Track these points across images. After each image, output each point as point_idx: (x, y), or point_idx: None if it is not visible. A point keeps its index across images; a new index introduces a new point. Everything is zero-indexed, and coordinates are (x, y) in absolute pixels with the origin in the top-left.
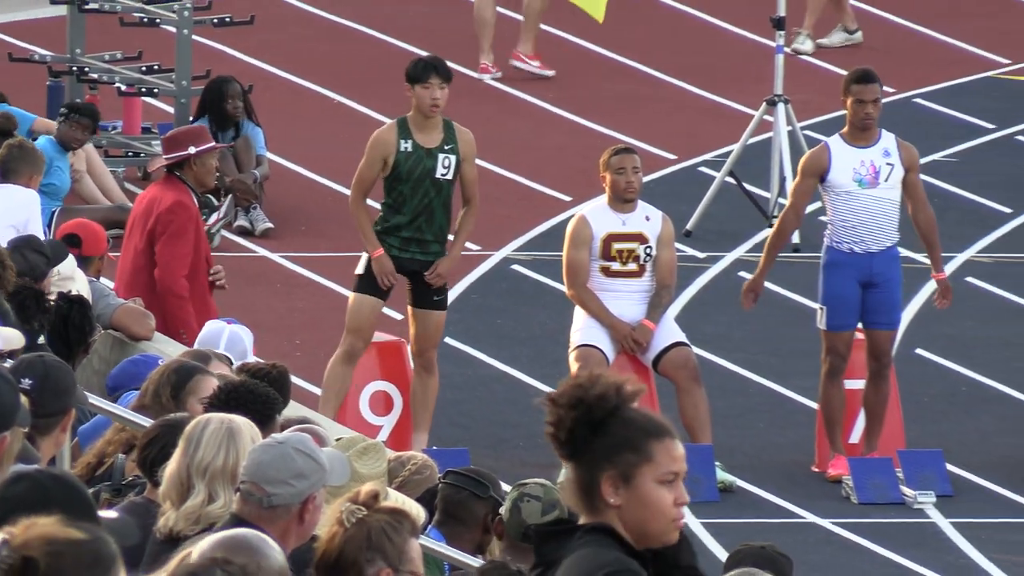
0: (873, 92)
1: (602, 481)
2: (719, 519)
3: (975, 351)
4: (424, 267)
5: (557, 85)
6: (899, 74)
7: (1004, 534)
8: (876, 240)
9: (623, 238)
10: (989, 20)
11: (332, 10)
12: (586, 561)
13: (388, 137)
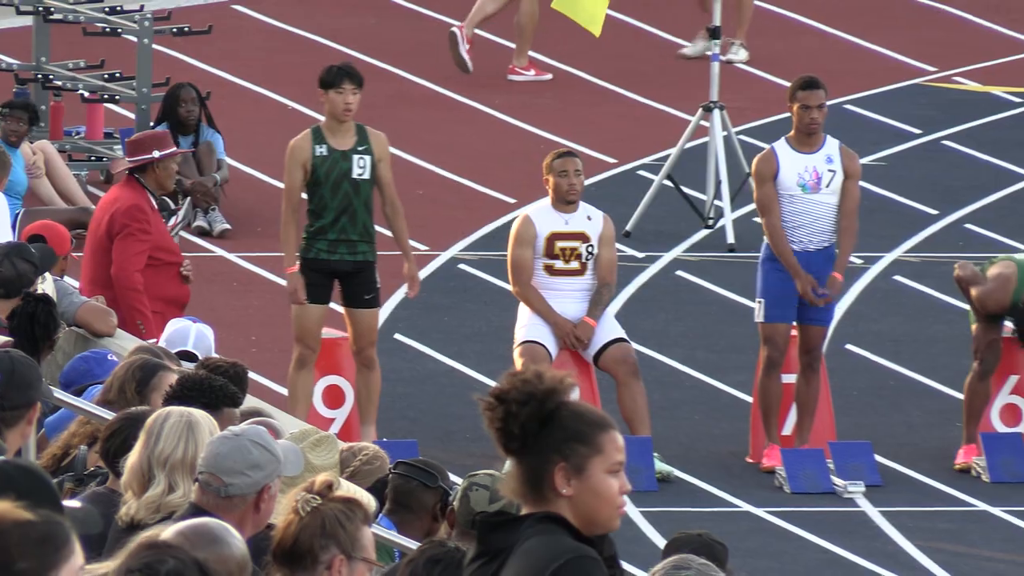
0: (818, 98)
1: (555, 472)
2: (657, 508)
3: (902, 347)
4: (354, 267)
5: (502, 92)
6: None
7: (931, 522)
8: (814, 241)
9: (566, 237)
10: (916, 30)
11: (287, 21)
12: (545, 548)
13: (303, 144)
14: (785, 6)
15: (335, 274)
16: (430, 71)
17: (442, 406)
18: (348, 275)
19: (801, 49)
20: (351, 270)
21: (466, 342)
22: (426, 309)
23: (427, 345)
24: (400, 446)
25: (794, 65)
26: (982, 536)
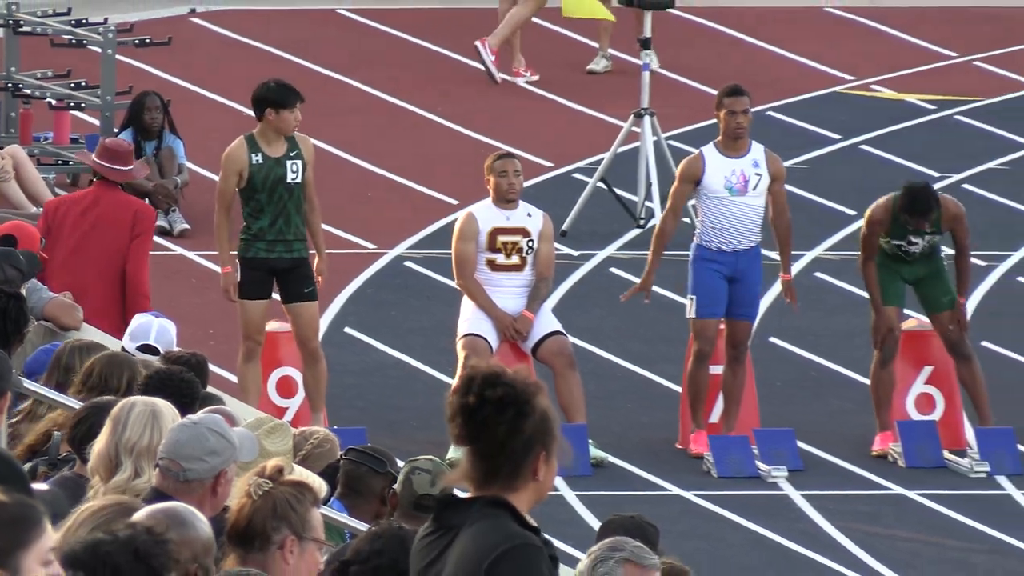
0: (743, 104)
1: (538, 459)
2: (592, 491)
3: (822, 340)
4: (291, 264)
5: (446, 99)
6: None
7: (850, 505)
8: (741, 241)
9: (507, 232)
10: (836, 42)
11: (242, 33)
12: (493, 532)
13: (239, 153)
14: (714, 19)
15: (274, 271)
16: (376, 80)
17: (389, 396)
18: (286, 272)
19: (729, 60)
20: (289, 267)
21: (411, 335)
22: (374, 305)
23: (375, 338)
24: (349, 433)
25: (722, 75)
26: (897, 518)
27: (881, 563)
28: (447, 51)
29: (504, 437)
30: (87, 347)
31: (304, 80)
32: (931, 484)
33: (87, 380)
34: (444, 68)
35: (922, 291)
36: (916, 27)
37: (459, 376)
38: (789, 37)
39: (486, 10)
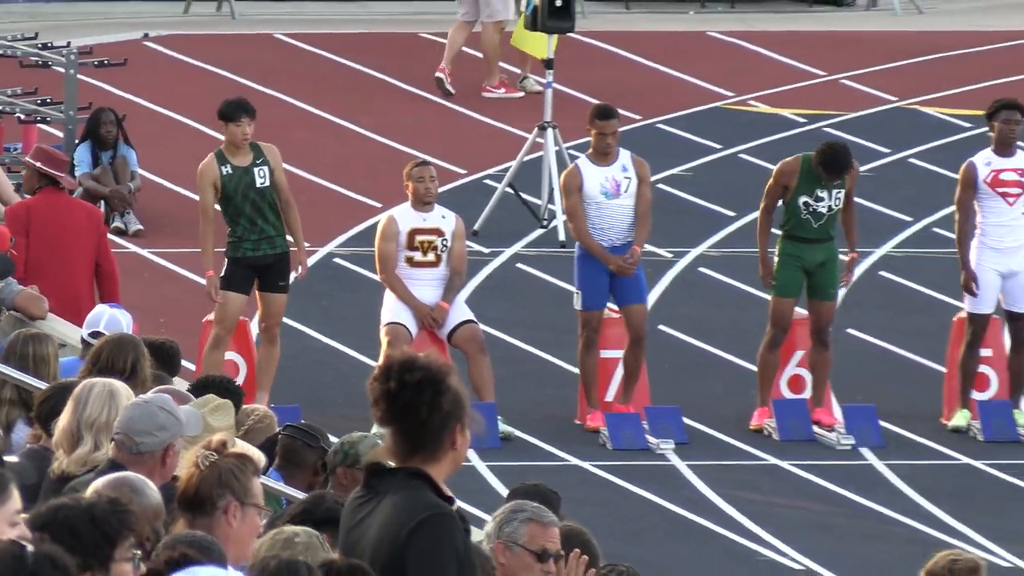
0: (612, 127)
1: (455, 431)
2: (500, 463)
3: (706, 327)
4: (275, 259)
5: (370, 113)
6: (645, 106)
7: (730, 474)
8: (618, 238)
9: (424, 232)
10: (717, 62)
11: (191, 55)
12: (412, 502)
13: (211, 167)
14: (610, 42)
15: (259, 267)
16: (308, 96)
17: (319, 377)
18: (269, 266)
19: (623, 78)
20: (272, 262)
21: (339, 323)
22: (306, 295)
23: (307, 326)
24: (285, 411)
25: (617, 92)
26: (773, 486)
27: (758, 525)
28: (371, 70)
29: (425, 415)
30: (37, 337)
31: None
32: (802, 455)
33: (96, 361)
34: (369, 85)
35: (815, 278)
36: (788, 49)
37: (377, 366)
38: (676, 58)
39: (407, 35)
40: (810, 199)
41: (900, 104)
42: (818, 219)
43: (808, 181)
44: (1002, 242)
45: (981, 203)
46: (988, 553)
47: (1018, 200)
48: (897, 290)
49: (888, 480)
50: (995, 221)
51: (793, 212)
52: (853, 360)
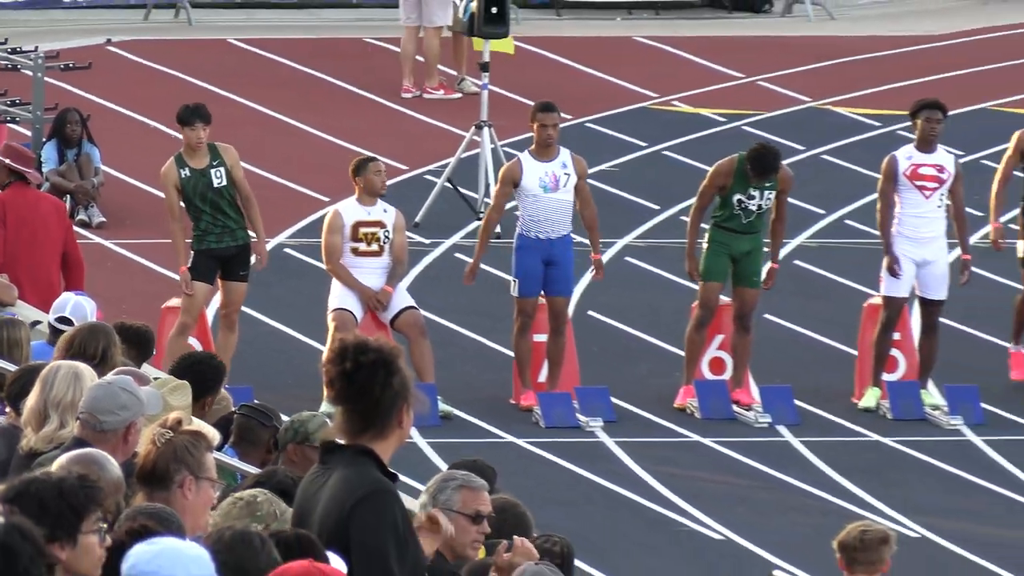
0: (553, 119)
1: (402, 410)
2: (440, 439)
3: (632, 313)
4: (236, 251)
5: (318, 113)
6: (576, 106)
7: (655, 450)
8: (555, 231)
9: (367, 224)
10: (643, 65)
11: (150, 59)
12: (357, 477)
13: (171, 170)
14: (543, 47)
15: (222, 258)
16: (259, 97)
17: (270, 360)
18: (231, 257)
19: (554, 81)
20: (234, 253)
21: (289, 310)
22: (259, 284)
23: (259, 312)
24: (240, 391)
25: (549, 93)
26: (694, 461)
27: (681, 498)
28: (319, 73)
29: (378, 395)
30: (11, 322)
31: (200, 97)
32: (722, 433)
33: (69, 347)
34: (317, 87)
35: (741, 266)
36: (709, 53)
37: (331, 348)
38: (604, 62)
39: (352, 39)
40: (743, 197)
41: (813, 104)
42: (748, 215)
43: (742, 180)
44: (918, 232)
45: (900, 195)
46: (896, 524)
47: (934, 194)
48: (811, 278)
49: (803, 456)
50: (912, 212)
51: (726, 206)
52: (770, 344)
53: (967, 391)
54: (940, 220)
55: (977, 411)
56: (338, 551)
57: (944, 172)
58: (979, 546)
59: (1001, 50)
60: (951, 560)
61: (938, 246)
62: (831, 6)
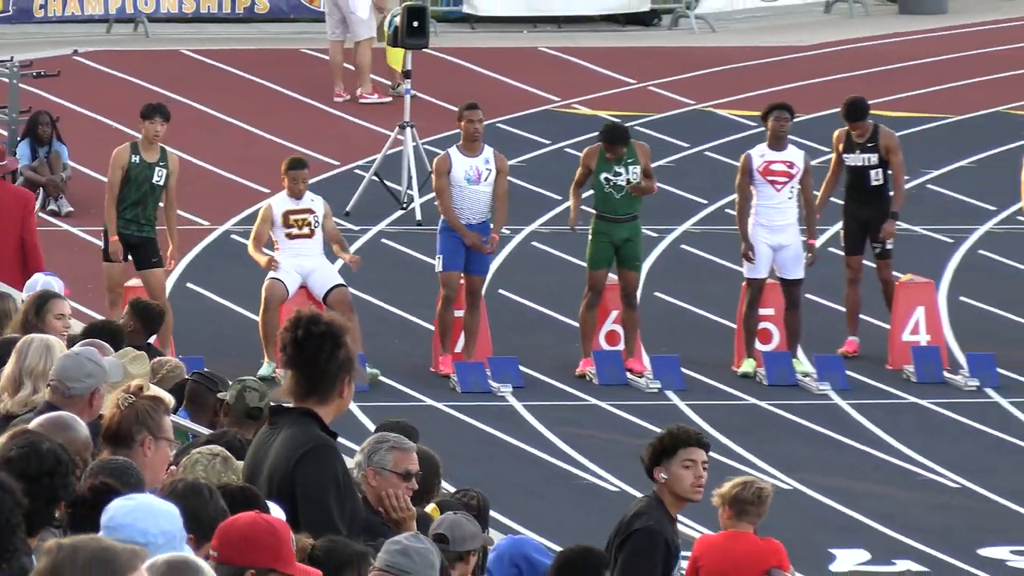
0: (478, 115)
1: (344, 382)
2: (368, 403)
3: (537, 291)
4: (139, 241)
5: (260, 115)
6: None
7: (559, 413)
8: (475, 217)
9: (297, 212)
10: (545, 72)
11: (113, 67)
12: (302, 434)
13: (123, 153)
14: (459, 56)
15: (128, 243)
16: (208, 101)
17: (218, 333)
18: (136, 246)
19: (469, 86)
20: (137, 243)
21: (233, 289)
22: (206, 267)
23: (207, 291)
24: (191, 360)
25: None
26: (592, 422)
27: (581, 455)
28: (261, 79)
29: (323, 364)
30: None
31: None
32: (618, 397)
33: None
34: (259, 92)
35: (623, 252)
36: (605, 61)
37: (288, 319)
38: (512, 69)
39: (290, 50)
40: (610, 175)
41: (697, 107)
42: (619, 191)
43: (605, 160)
44: (772, 221)
45: (756, 188)
46: (771, 477)
47: (785, 187)
48: (695, 260)
49: (688, 417)
50: (766, 204)
51: (598, 188)
52: (660, 318)
53: (833, 360)
54: (792, 209)
55: (842, 378)
56: (285, 501)
57: (794, 167)
58: (845, 497)
59: (862, 59)
60: (820, 510)
61: (791, 232)
62: (712, 20)
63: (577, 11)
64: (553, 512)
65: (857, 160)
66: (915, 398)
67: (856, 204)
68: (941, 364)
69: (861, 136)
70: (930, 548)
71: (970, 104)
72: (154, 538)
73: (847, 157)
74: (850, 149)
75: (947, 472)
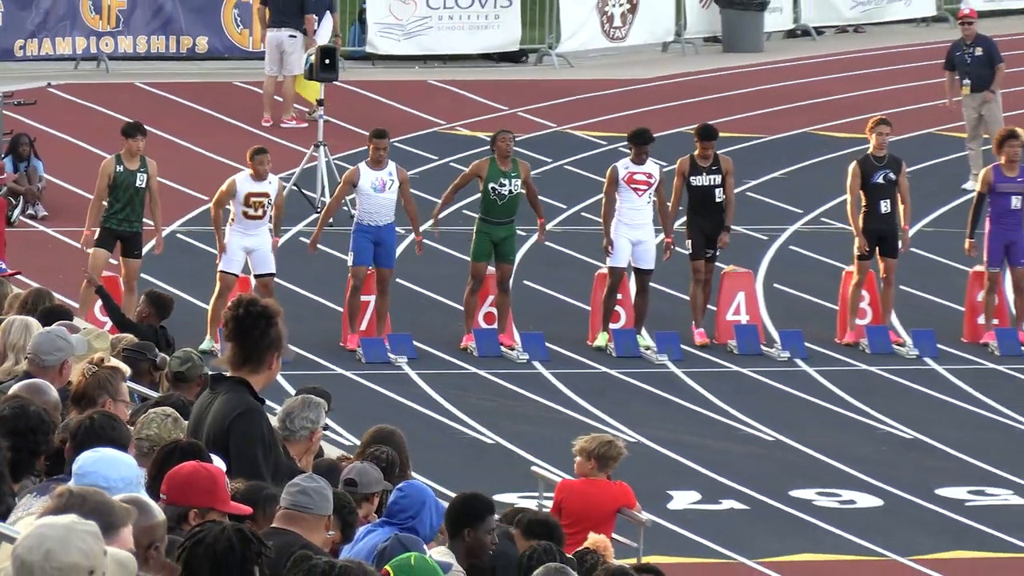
0: (384, 143)
1: (274, 357)
2: (290, 372)
3: (429, 280)
4: (130, 235)
5: (201, 136)
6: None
7: (446, 380)
8: (383, 220)
9: (256, 195)
10: (434, 100)
11: (79, 97)
12: (235, 399)
13: (110, 165)
14: (364, 88)
15: (119, 237)
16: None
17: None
18: (126, 239)
19: (370, 112)
20: (128, 236)
21: (178, 277)
22: (158, 260)
23: (159, 280)
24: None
25: (367, 122)
26: (474, 387)
27: (465, 414)
28: (202, 107)
29: (257, 338)
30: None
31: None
32: (494, 367)
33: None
34: (200, 117)
35: (500, 248)
36: (483, 91)
37: (232, 300)
38: (406, 98)
39: (225, 83)
40: (496, 185)
41: (558, 128)
42: (502, 199)
43: (493, 173)
44: (633, 220)
45: (620, 194)
46: (620, 431)
47: (644, 194)
48: (558, 255)
49: (551, 383)
50: (628, 207)
51: (485, 195)
52: (529, 302)
53: (671, 336)
54: (648, 212)
55: (677, 350)
56: (221, 454)
57: (652, 178)
58: (680, 448)
59: (692, 89)
60: (660, 459)
61: (647, 231)
62: (570, 57)
63: (459, 50)
64: (442, 462)
65: (704, 181)
66: (737, 367)
67: (701, 218)
68: (758, 339)
69: (705, 160)
70: (749, 490)
71: (781, 126)
72: (115, 483)
73: (694, 179)
74: (696, 172)
75: (764, 428)
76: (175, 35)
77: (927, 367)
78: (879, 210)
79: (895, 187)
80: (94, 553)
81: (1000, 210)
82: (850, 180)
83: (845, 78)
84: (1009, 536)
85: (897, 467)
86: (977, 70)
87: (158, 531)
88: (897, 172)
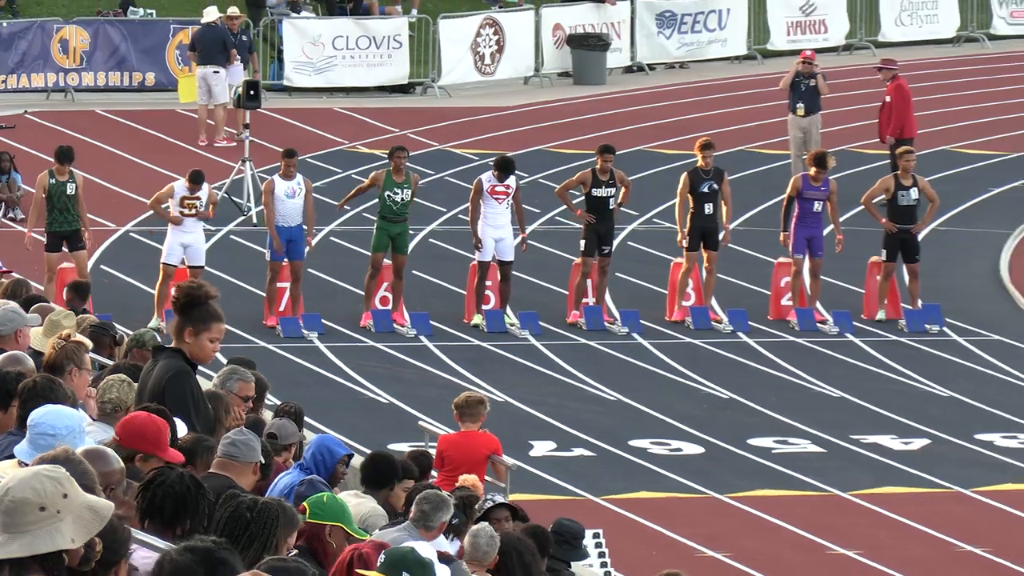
0: (293, 163)
1: (187, 331)
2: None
3: (336, 270)
4: (70, 233)
5: (149, 154)
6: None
7: (352, 352)
8: (293, 222)
9: (189, 199)
10: (339, 124)
11: (51, 122)
12: (169, 364)
13: (44, 178)
14: (281, 114)
15: (62, 236)
16: (120, 145)
17: (121, 297)
18: (69, 236)
19: (287, 134)
20: (69, 234)
21: (131, 268)
22: (113, 254)
23: (114, 269)
24: (104, 316)
25: (284, 142)
26: (371, 357)
27: (365, 379)
28: (150, 130)
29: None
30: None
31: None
32: (388, 340)
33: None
34: (147, 138)
35: (396, 242)
36: (380, 116)
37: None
38: (317, 122)
39: (169, 110)
40: (391, 193)
41: (440, 147)
42: (396, 204)
43: (388, 184)
44: (495, 222)
45: (484, 201)
46: (490, 392)
47: (503, 202)
48: (440, 249)
49: (435, 353)
50: (492, 211)
51: (382, 201)
52: (417, 287)
53: (531, 315)
54: (507, 215)
55: (536, 327)
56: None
57: (510, 189)
58: (540, 406)
59: (547, 115)
60: (523, 415)
61: (507, 230)
62: (449, 89)
63: (359, 83)
64: (345, 419)
65: (603, 192)
66: (586, 340)
67: (597, 222)
68: (603, 317)
69: (604, 174)
70: (596, 440)
71: (622, 144)
72: (60, 430)
73: (595, 190)
74: (597, 184)
75: (606, 389)
76: (128, 71)
77: (740, 340)
78: (704, 211)
79: (718, 195)
80: (47, 492)
81: (805, 211)
82: (680, 187)
83: (673, 105)
84: (807, 477)
85: (716, 422)
86: (810, 98)
87: (115, 476)
88: (720, 182)
